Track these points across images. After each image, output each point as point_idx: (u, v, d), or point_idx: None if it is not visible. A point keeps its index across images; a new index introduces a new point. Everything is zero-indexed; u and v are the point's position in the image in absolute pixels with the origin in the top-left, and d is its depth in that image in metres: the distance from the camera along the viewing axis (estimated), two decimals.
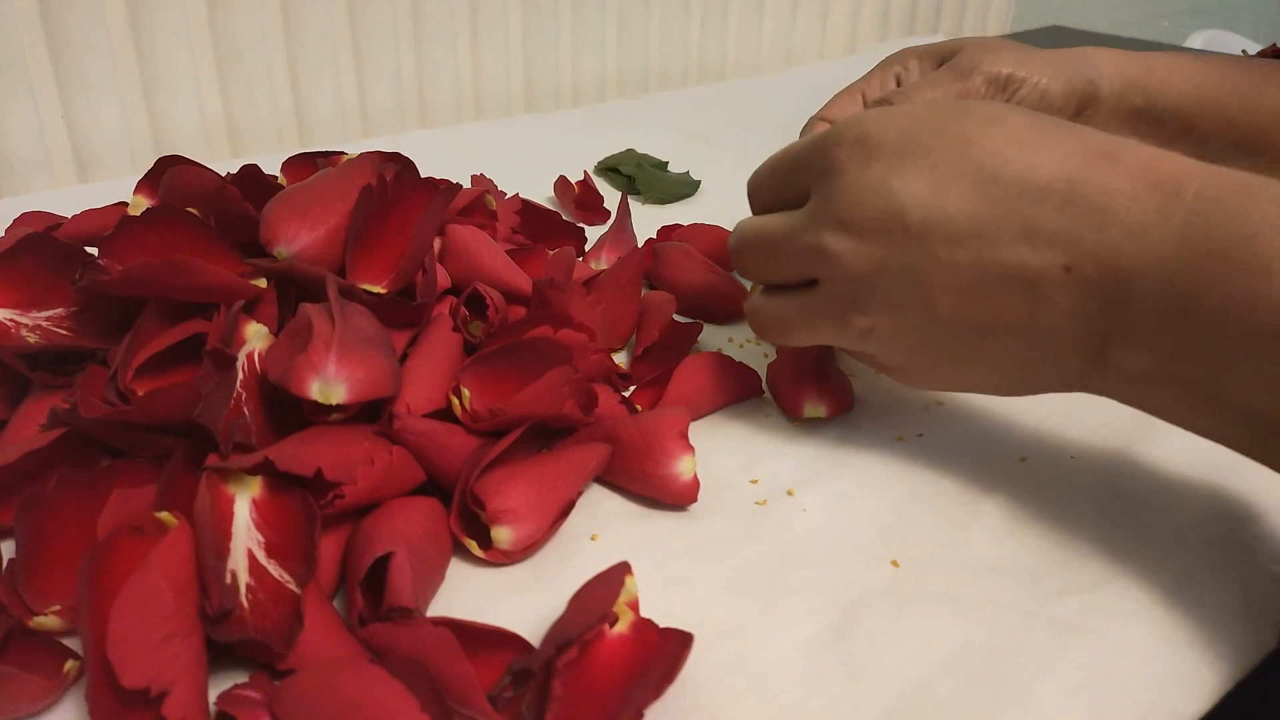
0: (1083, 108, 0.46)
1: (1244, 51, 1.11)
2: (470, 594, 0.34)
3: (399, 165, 0.43)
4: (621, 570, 0.30)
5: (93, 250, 0.40)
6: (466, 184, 0.62)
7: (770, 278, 0.39)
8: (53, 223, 0.48)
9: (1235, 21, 1.85)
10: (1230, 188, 0.30)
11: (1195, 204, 0.30)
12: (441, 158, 0.75)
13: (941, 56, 0.51)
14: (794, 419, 0.43)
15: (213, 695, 0.28)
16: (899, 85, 0.51)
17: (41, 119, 0.72)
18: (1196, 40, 1.49)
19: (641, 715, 0.26)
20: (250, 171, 0.43)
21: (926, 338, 0.35)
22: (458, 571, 0.35)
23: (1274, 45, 1.08)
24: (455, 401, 0.36)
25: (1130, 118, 0.47)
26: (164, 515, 0.30)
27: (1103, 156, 0.32)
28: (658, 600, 0.33)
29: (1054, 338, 0.33)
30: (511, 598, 0.34)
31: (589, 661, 0.28)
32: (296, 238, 0.38)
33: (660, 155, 0.79)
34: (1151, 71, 0.47)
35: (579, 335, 0.38)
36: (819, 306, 0.37)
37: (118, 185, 0.71)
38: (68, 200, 0.65)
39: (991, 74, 0.46)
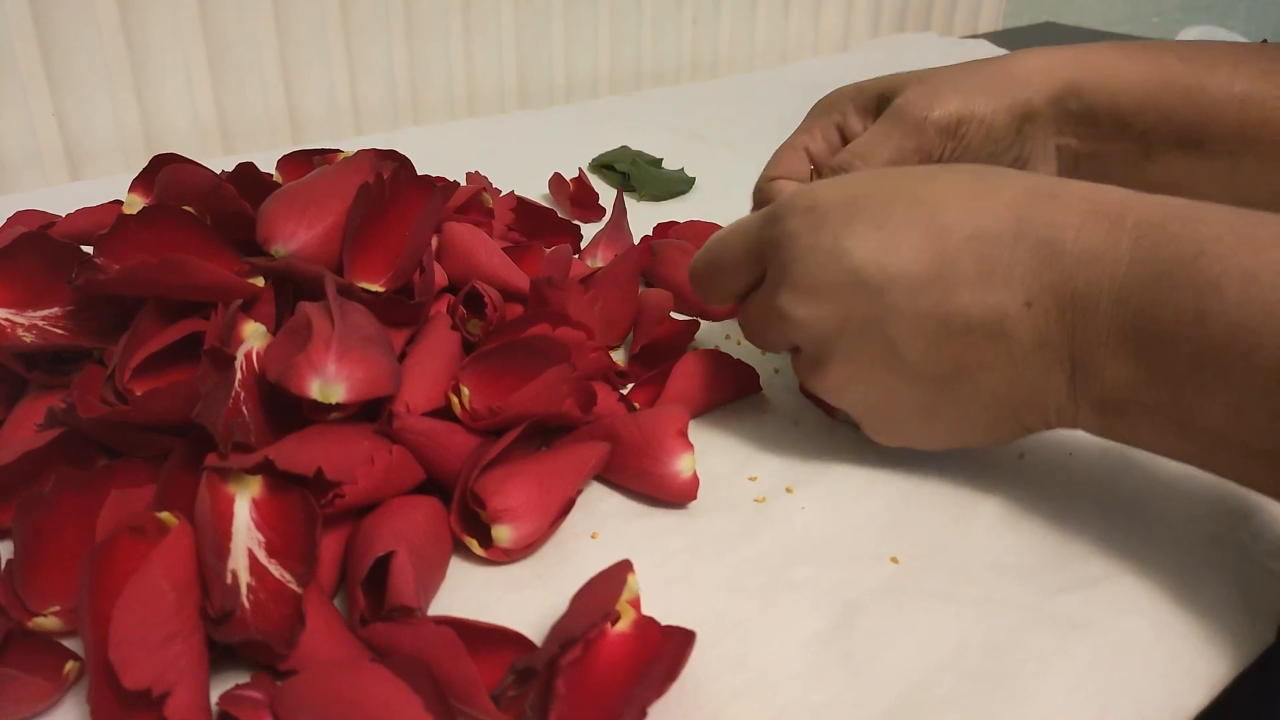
0: (1023, 125, 0.45)
1: None
2: (471, 592, 0.34)
3: (396, 163, 0.42)
4: (623, 568, 0.30)
5: (88, 249, 0.40)
6: (461, 181, 0.62)
7: (767, 348, 0.41)
8: (47, 221, 0.48)
9: (1228, 16, 1.85)
10: (1172, 212, 0.31)
11: (1139, 229, 0.31)
12: (435, 154, 0.75)
13: (878, 99, 0.48)
14: (830, 420, 0.44)
15: (214, 696, 0.28)
16: (842, 136, 0.49)
17: (33, 117, 0.72)
18: (1187, 36, 1.50)
19: (644, 713, 0.26)
20: (246, 169, 0.43)
21: (899, 389, 0.36)
22: (458, 570, 0.35)
23: (1265, 40, 1.09)
24: (455, 400, 0.36)
25: (1067, 123, 0.46)
26: (164, 515, 0.30)
27: (1044, 195, 0.33)
28: (658, 598, 0.33)
29: (1024, 373, 0.33)
30: (512, 596, 0.33)
31: (592, 660, 0.28)
32: (294, 236, 0.38)
33: (654, 152, 0.79)
34: (1083, 72, 0.45)
35: (577, 333, 0.38)
36: (800, 366, 0.38)
37: (110, 183, 0.70)
38: (60, 198, 0.65)
39: (941, 123, 0.44)
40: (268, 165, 0.51)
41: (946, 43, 1.21)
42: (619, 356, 0.48)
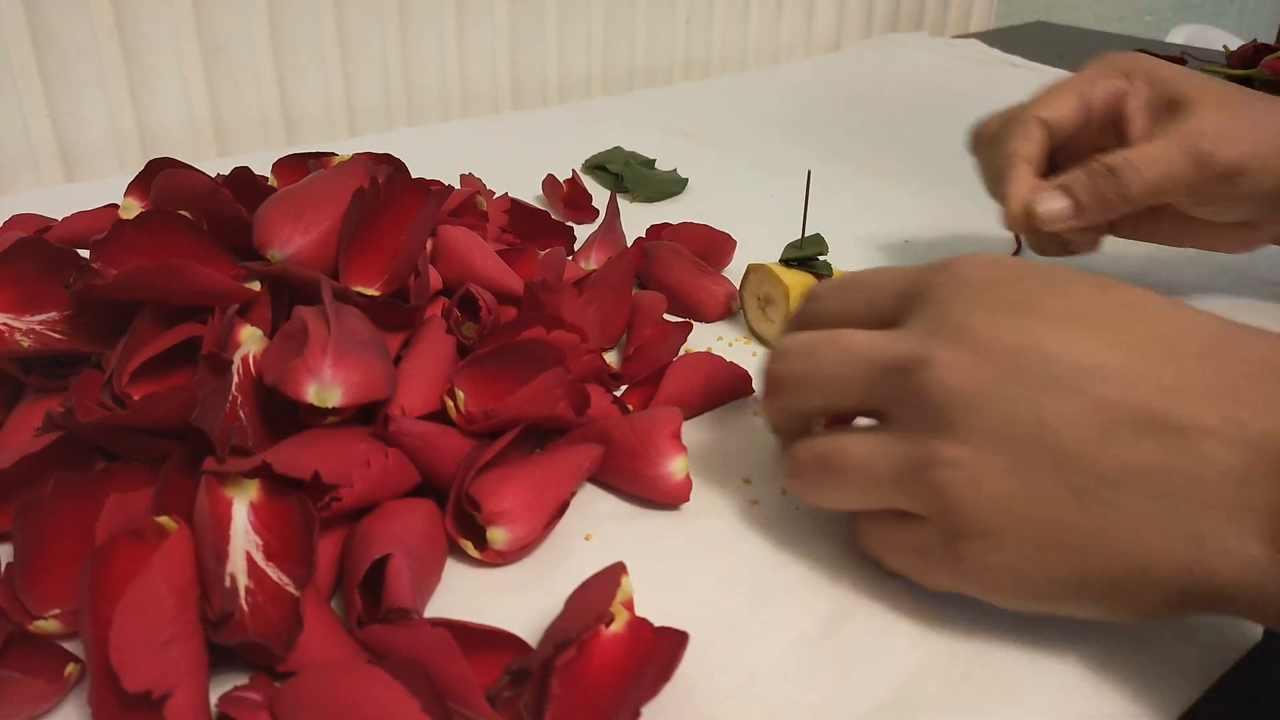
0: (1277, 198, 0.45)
1: (1225, 47, 1.12)
2: (466, 595, 0.34)
3: (390, 167, 0.43)
4: (617, 570, 0.31)
5: (84, 252, 0.40)
6: (454, 182, 0.62)
7: (833, 400, 0.34)
8: (43, 225, 0.48)
9: (1220, 16, 1.86)
10: None
11: None
12: (429, 156, 0.75)
13: (1170, 102, 0.47)
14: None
15: (213, 698, 0.28)
16: (1118, 110, 0.48)
17: (27, 117, 0.72)
18: (1178, 35, 1.51)
19: (638, 713, 0.27)
20: (241, 174, 0.43)
21: (1031, 485, 0.28)
22: (453, 572, 0.35)
23: (1255, 41, 1.09)
24: (450, 403, 0.36)
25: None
26: (163, 520, 0.30)
27: (1248, 329, 0.29)
28: (651, 599, 0.33)
29: (1202, 493, 0.26)
30: (507, 598, 0.34)
31: (586, 661, 0.28)
32: (290, 241, 0.38)
33: (647, 153, 0.79)
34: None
35: (571, 336, 0.39)
36: (888, 436, 0.31)
37: (105, 184, 0.70)
38: (55, 200, 0.65)
39: (1224, 167, 0.44)
40: (262, 166, 0.51)
41: (939, 43, 1.21)
42: (612, 358, 0.48)
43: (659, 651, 0.29)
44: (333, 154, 0.49)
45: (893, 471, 0.30)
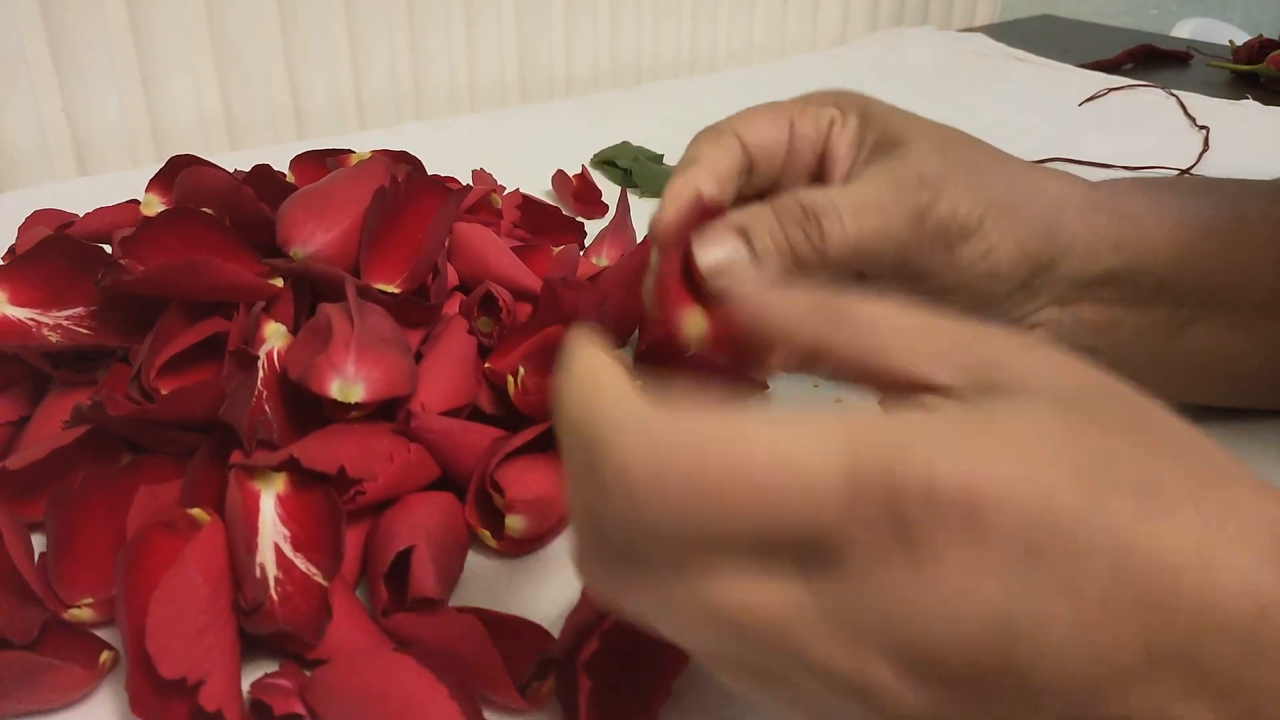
0: (1033, 275, 0.35)
1: (1231, 42, 1.12)
2: (484, 584, 0.35)
3: (409, 166, 0.43)
4: None
5: (105, 247, 0.41)
6: (465, 176, 0.63)
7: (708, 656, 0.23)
8: (64, 221, 0.49)
9: (1225, 9, 1.86)
10: None
11: None
12: (438, 150, 0.75)
13: (879, 134, 0.36)
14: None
15: (245, 684, 0.29)
16: (828, 163, 0.36)
17: (41, 112, 0.72)
18: (1184, 29, 1.51)
19: (669, 691, 0.27)
20: (262, 171, 0.44)
21: None
22: (471, 563, 0.36)
23: (1262, 36, 1.10)
24: (511, 381, 0.37)
25: (1096, 280, 0.36)
26: (196, 512, 0.31)
27: (1227, 511, 0.20)
28: None
29: None
30: (524, 589, 0.35)
31: (611, 647, 0.29)
32: (312, 238, 0.39)
33: (654, 147, 0.80)
34: (1124, 220, 0.36)
35: None
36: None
37: (118, 179, 0.71)
38: (70, 194, 0.66)
39: (940, 223, 0.33)
40: (272, 160, 0.52)
41: (944, 36, 1.22)
42: (625, 355, 0.49)
43: (671, 654, 0.29)
44: (350, 151, 0.50)
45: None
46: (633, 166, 0.74)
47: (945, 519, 0.19)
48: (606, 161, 0.77)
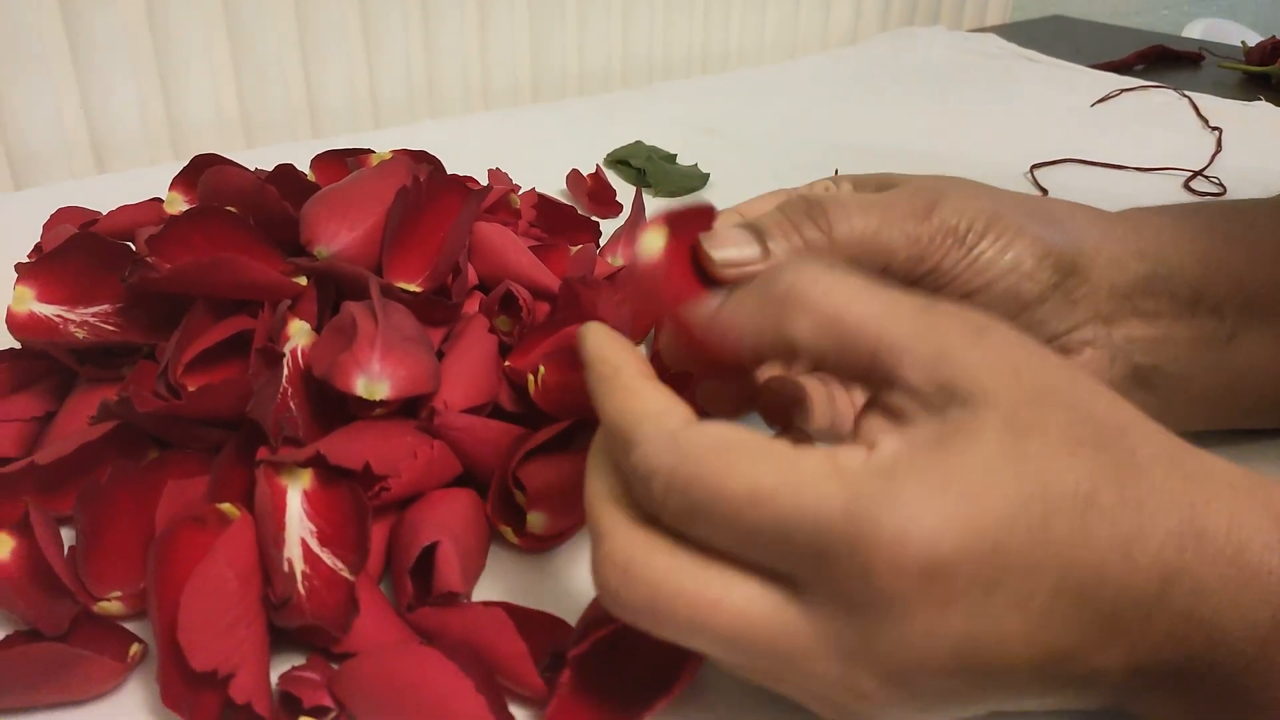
0: (1064, 278, 0.35)
1: (1243, 43, 1.12)
2: (505, 581, 0.35)
3: (430, 166, 0.44)
4: None
5: (129, 244, 0.42)
6: (480, 175, 0.63)
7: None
8: (88, 218, 0.49)
9: (1238, 10, 1.86)
10: None
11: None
12: (452, 148, 0.75)
13: (875, 184, 0.38)
14: None
15: (273, 677, 0.30)
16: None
17: (61, 110, 0.73)
18: (1195, 29, 1.51)
19: (649, 710, 0.28)
20: (285, 170, 0.44)
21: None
22: (492, 559, 0.36)
23: (1274, 37, 1.09)
24: (531, 379, 0.38)
25: (1132, 290, 0.36)
26: (225, 507, 0.31)
27: (1196, 535, 0.24)
28: None
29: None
30: (545, 585, 0.35)
31: (603, 655, 0.29)
32: (336, 237, 0.40)
33: (667, 147, 0.80)
34: (1143, 234, 0.37)
35: None
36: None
37: (136, 176, 0.72)
38: (87, 191, 0.66)
39: (950, 220, 0.34)
40: (288, 158, 0.52)
41: (955, 36, 1.22)
42: (640, 352, 0.49)
43: (680, 658, 0.29)
44: (369, 150, 0.50)
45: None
46: (646, 166, 0.75)
47: (912, 585, 0.22)
48: (620, 161, 0.77)
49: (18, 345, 0.42)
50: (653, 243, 0.30)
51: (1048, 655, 0.24)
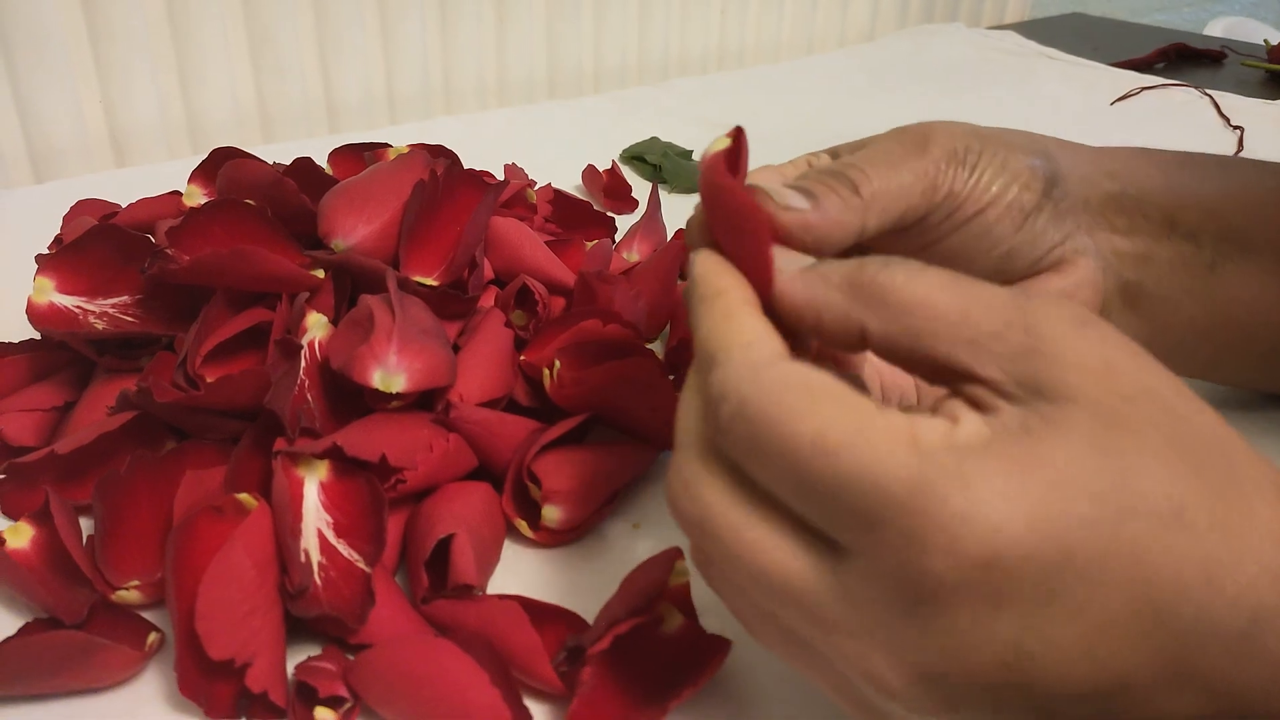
0: (1051, 187, 0.36)
1: (1266, 41, 1.11)
2: (520, 575, 0.35)
3: (448, 160, 0.44)
4: (671, 555, 0.32)
5: (148, 236, 0.42)
6: (496, 170, 0.63)
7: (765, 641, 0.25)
8: (107, 210, 0.49)
9: (1259, 8, 1.84)
10: None
11: None
12: (468, 144, 0.76)
13: (852, 151, 0.38)
14: None
15: (289, 667, 0.30)
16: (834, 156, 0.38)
17: (81, 104, 0.73)
18: (1216, 28, 1.49)
19: (665, 712, 0.28)
20: (303, 164, 0.45)
21: None
22: (507, 553, 0.36)
23: None
24: (546, 373, 0.38)
25: (1104, 206, 0.37)
26: (243, 497, 0.32)
27: None
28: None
29: None
30: (559, 579, 0.35)
31: (624, 654, 0.29)
32: (354, 231, 0.40)
33: (683, 143, 0.80)
34: (1113, 158, 0.39)
35: (626, 331, 0.40)
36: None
37: (154, 170, 0.72)
38: (106, 184, 0.67)
39: (948, 145, 0.35)
40: (305, 152, 0.52)
41: (974, 34, 1.21)
42: (656, 349, 0.49)
43: (699, 658, 0.29)
44: (386, 145, 0.50)
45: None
46: (662, 162, 0.75)
47: (966, 573, 0.20)
48: (635, 157, 0.77)
49: (38, 336, 0.42)
50: (720, 144, 0.30)
51: (1105, 679, 0.21)
